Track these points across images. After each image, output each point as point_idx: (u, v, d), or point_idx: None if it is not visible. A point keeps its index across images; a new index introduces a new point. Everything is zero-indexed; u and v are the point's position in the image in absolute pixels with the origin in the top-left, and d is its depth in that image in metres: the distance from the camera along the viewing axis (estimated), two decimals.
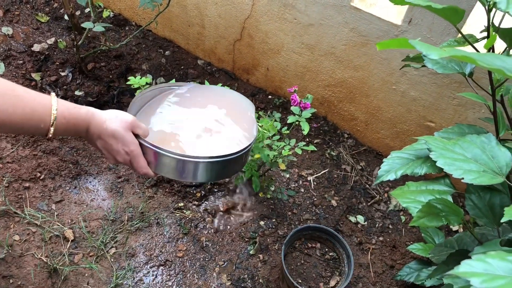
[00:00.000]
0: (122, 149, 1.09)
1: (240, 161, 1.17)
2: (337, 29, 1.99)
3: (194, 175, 1.13)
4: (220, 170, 1.14)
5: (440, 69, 1.01)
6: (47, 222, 2.01)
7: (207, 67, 2.62)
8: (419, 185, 1.09)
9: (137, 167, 1.13)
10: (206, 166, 1.11)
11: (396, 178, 0.97)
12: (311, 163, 2.31)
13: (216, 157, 1.09)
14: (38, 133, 0.98)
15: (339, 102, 2.29)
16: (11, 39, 2.60)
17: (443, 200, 0.98)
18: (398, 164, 0.99)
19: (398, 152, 1.02)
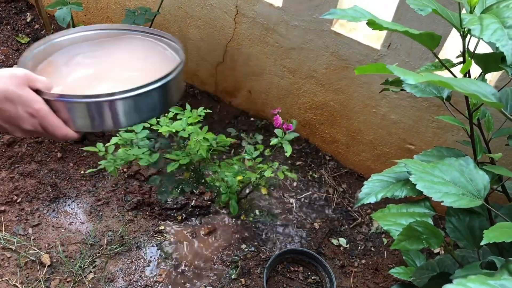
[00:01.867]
0: (24, 112, 0.85)
1: (163, 94, 0.96)
2: (318, 53, 2.02)
3: (115, 119, 0.91)
4: (143, 107, 0.93)
5: (418, 93, 1.03)
6: (23, 247, 1.96)
7: (190, 89, 2.62)
8: (400, 208, 1.09)
9: (52, 129, 0.88)
10: (124, 103, 0.89)
11: (376, 201, 0.97)
12: (293, 185, 2.31)
13: (133, 89, 0.88)
14: None
15: (321, 125, 2.30)
16: None
17: (423, 223, 0.99)
18: (378, 187, 1.00)
19: (378, 175, 1.03)
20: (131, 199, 2.16)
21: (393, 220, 1.06)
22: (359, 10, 0.84)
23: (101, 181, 2.23)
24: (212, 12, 2.17)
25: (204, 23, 2.25)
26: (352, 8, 0.84)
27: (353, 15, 0.82)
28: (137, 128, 1.64)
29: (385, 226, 1.06)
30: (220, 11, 2.14)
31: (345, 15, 0.82)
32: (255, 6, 2.02)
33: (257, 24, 2.08)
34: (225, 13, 2.13)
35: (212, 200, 2.20)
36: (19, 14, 2.87)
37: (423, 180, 0.89)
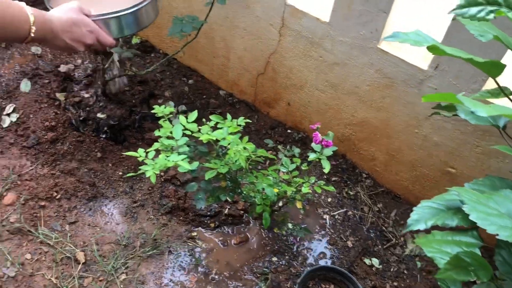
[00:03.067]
0: (86, 31, 1.26)
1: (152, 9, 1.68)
2: (362, 70, 2.00)
3: (138, 22, 1.59)
4: (150, 12, 1.65)
5: (473, 120, 1.01)
6: (60, 243, 2.00)
7: (229, 98, 2.64)
8: (445, 235, 1.07)
9: (103, 40, 1.34)
10: (144, 9, 1.57)
11: (426, 228, 0.95)
12: (328, 201, 2.29)
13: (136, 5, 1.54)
14: (21, 34, 1.10)
15: (359, 142, 2.28)
16: (39, 59, 2.65)
17: (471, 254, 0.96)
18: (428, 214, 0.98)
19: (428, 202, 1.01)
20: (166, 203, 2.18)
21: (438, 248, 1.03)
22: (421, 35, 0.83)
23: (138, 183, 2.27)
24: (257, 24, 2.19)
25: (248, 33, 2.27)
26: (415, 32, 0.83)
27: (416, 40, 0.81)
28: (177, 135, 1.65)
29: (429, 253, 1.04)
30: (266, 23, 2.15)
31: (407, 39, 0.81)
32: (301, 19, 2.02)
33: (302, 37, 2.09)
34: (271, 25, 2.14)
35: (246, 209, 2.20)
36: None
37: (477, 210, 0.86)
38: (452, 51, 0.81)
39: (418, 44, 0.81)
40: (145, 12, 1.59)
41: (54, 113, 2.39)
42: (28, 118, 2.36)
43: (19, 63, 2.60)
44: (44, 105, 2.42)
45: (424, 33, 0.86)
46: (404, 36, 0.82)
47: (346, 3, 1.85)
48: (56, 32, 1.19)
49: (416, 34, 0.83)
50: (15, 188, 2.13)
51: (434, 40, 0.83)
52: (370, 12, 1.81)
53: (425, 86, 1.87)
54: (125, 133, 2.41)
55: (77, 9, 1.26)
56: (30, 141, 2.28)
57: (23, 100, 2.43)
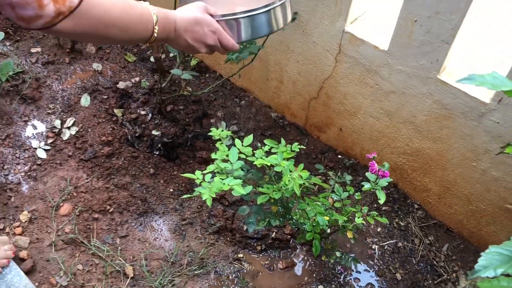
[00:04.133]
0: (208, 30, 1.20)
1: (285, 12, 1.41)
2: (420, 99, 1.97)
3: (268, 26, 1.36)
4: (279, 16, 1.39)
5: None
6: (110, 256, 2.06)
7: (280, 120, 2.65)
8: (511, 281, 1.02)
9: (226, 42, 1.24)
10: (279, 9, 1.36)
11: (495, 276, 0.91)
12: (377, 230, 2.24)
13: (277, 2, 1.34)
14: (145, 34, 1.09)
15: (413, 171, 2.23)
16: (99, 75, 2.77)
17: None
18: (497, 260, 0.94)
19: (496, 247, 0.96)
20: (214, 223, 2.20)
21: None
22: (499, 78, 0.81)
23: (188, 201, 2.30)
24: (313, 49, 2.20)
25: (303, 58, 2.28)
26: (491, 75, 0.81)
27: (493, 83, 0.79)
28: (233, 158, 1.67)
29: None
30: (322, 49, 2.16)
31: (484, 82, 0.79)
32: (359, 47, 2.02)
33: (359, 64, 2.08)
34: (327, 51, 2.15)
35: (293, 234, 2.19)
36: None
37: None
38: None
39: (496, 88, 0.79)
40: (275, 14, 1.40)
41: (111, 128, 2.47)
42: (87, 132, 2.46)
43: (80, 79, 2.72)
44: (102, 120, 2.52)
45: (500, 75, 0.84)
46: (480, 79, 0.80)
47: (407, 33, 1.83)
48: (179, 32, 1.17)
49: (493, 77, 0.81)
50: (71, 199, 2.22)
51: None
52: (432, 43, 1.78)
53: (486, 119, 1.81)
54: (178, 151, 2.46)
55: (202, 7, 1.21)
56: (87, 154, 2.37)
57: (82, 114, 2.53)
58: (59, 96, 2.62)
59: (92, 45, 2.93)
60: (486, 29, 2.34)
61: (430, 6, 1.70)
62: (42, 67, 2.74)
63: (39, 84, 2.64)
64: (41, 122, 2.50)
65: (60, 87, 2.66)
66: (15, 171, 2.27)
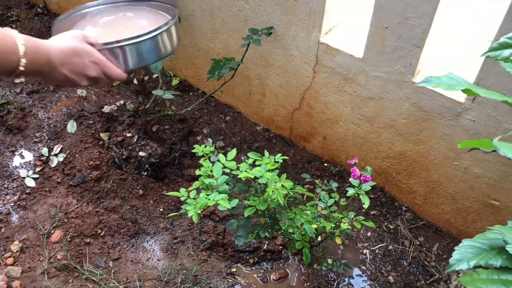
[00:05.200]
0: (89, 61, 1.09)
1: (171, 36, 1.42)
2: (398, 104, 2.01)
3: (141, 57, 1.31)
4: (169, 40, 1.41)
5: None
6: (104, 279, 2.06)
7: (265, 133, 2.69)
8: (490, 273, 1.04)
9: (110, 72, 1.14)
10: (148, 43, 1.32)
11: (468, 268, 0.94)
12: (367, 235, 2.27)
13: (151, 32, 1.33)
14: (7, 66, 0.95)
15: (398, 174, 2.26)
16: (84, 101, 2.79)
17: None
18: (470, 253, 0.96)
19: (470, 241, 0.99)
20: (206, 239, 2.21)
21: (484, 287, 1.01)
22: (454, 78, 0.84)
23: (178, 220, 2.32)
24: (292, 62, 2.24)
25: (283, 71, 2.32)
26: (447, 76, 0.85)
27: (449, 83, 0.82)
28: (217, 173, 1.70)
29: None
30: (300, 60, 2.20)
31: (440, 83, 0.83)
32: (335, 57, 2.06)
33: (336, 73, 2.12)
34: (305, 63, 2.19)
35: (284, 245, 2.21)
36: None
37: None
38: (487, 93, 0.82)
39: (452, 88, 0.82)
40: (162, 39, 1.37)
41: (98, 152, 2.50)
42: (74, 158, 2.48)
43: (66, 105, 2.74)
44: (89, 144, 2.54)
45: (456, 75, 0.87)
46: (437, 81, 0.84)
47: (379, 40, 1.88)
48: (54, 64, 1.03)
49: (449, 77, 0.85)
50: (62, 226, 2.22)
51: (467, 83, 0.85)
52: (404, 48, 1.83)
53: (463, 118, 1.85)
54: (166, 170, 2.48)
55: (80, 36, 1.09)
56: (76, 180, 2.39)
57: (69, 141, 2.56)
58: (45, 124, 2.64)
59: None
60: (457, 29, 2.40)
61: (399, 12, 1.75)
62: (27, 96, 2.77)
63: (24, 114, 2.66)
64: (28, 151, 2.52)
65: (45, 115, 2.69)
66: (4, 201, 2.28)
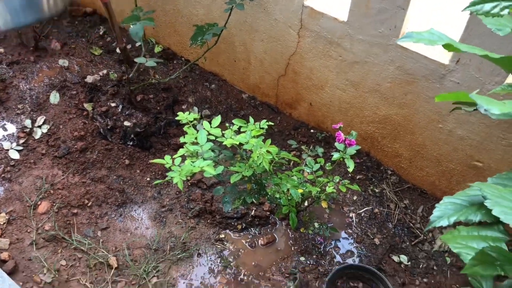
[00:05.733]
0: None
1: None
2: (383, 67, 2.00)
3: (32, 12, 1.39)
4: None
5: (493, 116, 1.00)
6: (93, 249, 2.07)
7: (251, 100, 2.67)
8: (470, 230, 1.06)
9: None
10: None
11: (449, 224, 0.96)
12: (353, 199, 2.29)
13: None
14: None
15: (383, 139, 2.27)
16: (67, 71, 2.74)
17: (497, 249, 0.96)
18: (451, 210, 0.98)
19: (450, 198, 1.01)
20: (193, 207, 2.22)
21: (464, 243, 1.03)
22: (435, 34, 0.83)
23: (166, 188, 2.32)
24: (276, 26, 2.21)
25: (267, 36, 2.29)
26: (429, 31, 0.84)
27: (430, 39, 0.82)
28: (202, 140, 1.69)
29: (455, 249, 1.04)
30: (285, 25, 2.17)
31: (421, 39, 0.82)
32: (319, 20, 2.04)
33: (321, 38, 2.10)
34: (289, 27, 2.16)
35: (272, 211, 2.23)
36: (93, 27, 3.05)
37: (499, 205, 0.86)
38: (467, 48, 0.82)
39: (433, 43, 0.82)
40: None
41: (83, 123, 2.47)
42: (58, 129, 2.45)
43: (47, 76, 2.69)
44: (73, 115, 2.51)
45: (438, 31, 0.87)
46: (418, 36, 0.83)
47: (364, 2, 1.85)
48: None
49: (430, 33, 0.84)
50: (48, 197, 2.21)
51: (448, 38, 0.84)
52: (388, 10, 1.81)
53: (447, 81, 1.85)
54: (152, 140, 2.46)
55: None
56: (61, 151, 2.36)
57: (52, 112, 2.52)
58: (27, 96, 2.59)
59: (56, 41, 2.90)
60: None
61: None
62: (7, 67, 2.71)
63: (5, 85, 2.61)
64: (11, 123, 2.48)
65: (27, 87, 2.64)
66: None
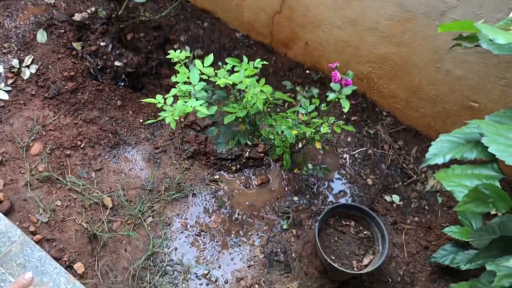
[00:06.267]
0: None
1: None
2: (382, 3, 1.93)
3: None
4: None
5: (496, 50, 0.97)
6: (87, 190, 2.08)
7: (245, 40, 2.60)
8: (464, 169, 1.06)
9: None
10: None
11: (444, 162, 0.95)
12: (347, 140, 2.29)
13: None
14: None
15: (379, 79, 2.23)
16: (53, 8, 2.63)
17: (491, 186, 0.96)
18: (446, 147, 0.97)
19: (447, 135, 0.99)
20: (187, 148, 2.21)
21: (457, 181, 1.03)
22: None
23: (159, 130, 2.30)
24: None
25: None
26: None
27: None
28: (194, 80, 1.65)
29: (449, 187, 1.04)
30: None
31: None
32: None
33: None
34: None
35: (266, 152, 2.23)
36: None
37: (496, 142, 0.85)
38: None
39: None
40: None
41: (72, 63, 2.40)
42: (47, 69, 2.38)
43: (33, 14, 2.58)
44: (62, 55, 2.43)
45: None
46: None
47: None
48: None
49: None
50: (40, 139, 2.19)
51: None
52: None
53: (448, 18, 1.79)
54: (143, 80, 2.41)
55: None
56: (51, 92, 2.31)
57: (40, 51, 2.44)
58: (13, 34, 2.50)
59: None
60: None
61: None
62: None
63: None
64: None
65: (12, 25, 2.54)
66: None
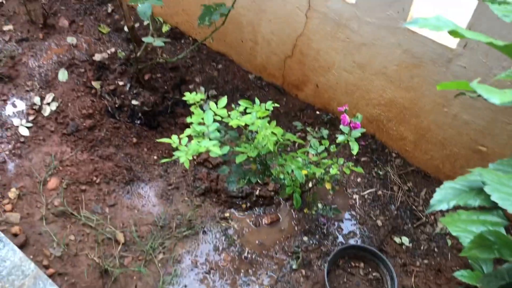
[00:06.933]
0: None
1: None
2: (390, 50, 2.00)
3: None
4: None
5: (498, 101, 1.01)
6: (101, 225, 2.12)
7: (258, 81, 2.68)
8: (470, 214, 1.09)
9: None
10: None
11: (448, 208, 0.98)
12: (357, 181, 2.32)
13: None
14: None
15: (388, 121, 2.28)
16: (75, 49, 2.76)
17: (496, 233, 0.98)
18: (451, 194, 1.00)
19: (451, 183, 1.03)
20: (199, 186, 2.26)
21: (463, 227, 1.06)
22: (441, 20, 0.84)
23: (172, 167, 2.35)
24: (284, 7, 2.21)
25: (275, 17, 2.29)
26: (435, 17, 0.85)
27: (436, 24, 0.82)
28: (209, 121, 1.71)
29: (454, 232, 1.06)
30: (292, 6, 2.17)
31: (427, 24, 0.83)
32: (327, 1, 2.03)
33: (329, 19, 2.09)
34: (297, 8, 2.16)
35: (276, 191, 2.26)
36: (101, 4, 3.05)
37: (498, 191, 0.88)
38: (473, 35, 0.82)
39: (438, 29, 0.83)
40: None
41: (91, 101, 2.49)
42: (67, 107, 2.48)
43: (56, 54, 2.71)
44: (81, 93, 2.53)
45: (445, 18, 0.87)
46: (424, 22, 0.84)
47: None
48: None
49: (436, 19, 0.85)
50: (57, 174, 2.26)
51: (454, 25, 0.85)
52: None
53: (454, 65, 1.85)
54: (159, 119, 2.49)
55: None
56: (69, 129, 2.40)
57: (61, 89, 2.54)
58: (36, 73, 2.62)
59: (65, 18, 2.90)
60: None
61: None
62: (16, 44, 2.73)
63: (14, 62, 2.63)
64: (20, 100, 2.51)
65: (36, 64, 2.66)
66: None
